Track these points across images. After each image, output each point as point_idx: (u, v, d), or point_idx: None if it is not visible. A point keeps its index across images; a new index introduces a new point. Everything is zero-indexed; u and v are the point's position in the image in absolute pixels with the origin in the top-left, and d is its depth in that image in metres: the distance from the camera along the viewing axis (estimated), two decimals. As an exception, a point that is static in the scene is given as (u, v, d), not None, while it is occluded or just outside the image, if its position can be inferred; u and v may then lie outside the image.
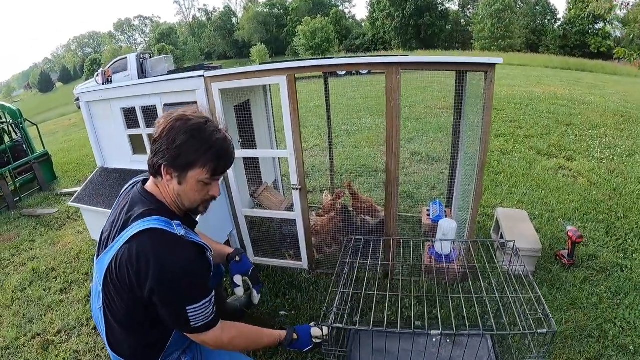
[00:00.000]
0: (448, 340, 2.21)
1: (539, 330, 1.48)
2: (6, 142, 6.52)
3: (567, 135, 6.84)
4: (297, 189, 2.91)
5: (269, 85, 3.70)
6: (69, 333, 2.94)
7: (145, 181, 1.57)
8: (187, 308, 1.38)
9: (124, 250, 1.35)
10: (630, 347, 2.35)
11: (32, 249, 4.43)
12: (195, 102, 2.90)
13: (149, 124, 3.29)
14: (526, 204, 4.25)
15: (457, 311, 2.57)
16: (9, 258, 4.24)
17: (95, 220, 3.51)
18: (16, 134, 6.92)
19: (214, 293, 1.48)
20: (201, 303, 1.40)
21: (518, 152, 6.04)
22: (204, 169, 1.41)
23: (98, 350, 2.72)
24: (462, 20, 53.80)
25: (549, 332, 1.47)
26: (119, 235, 1.40)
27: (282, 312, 2.86)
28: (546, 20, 45.43)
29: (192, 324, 1.41)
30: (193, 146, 1.37)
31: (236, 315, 2.30)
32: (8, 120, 6.80)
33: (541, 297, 1.63)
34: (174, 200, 1.48)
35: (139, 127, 3.34)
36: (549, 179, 4.89)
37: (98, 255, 1.49)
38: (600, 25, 38.21)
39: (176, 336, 1.58)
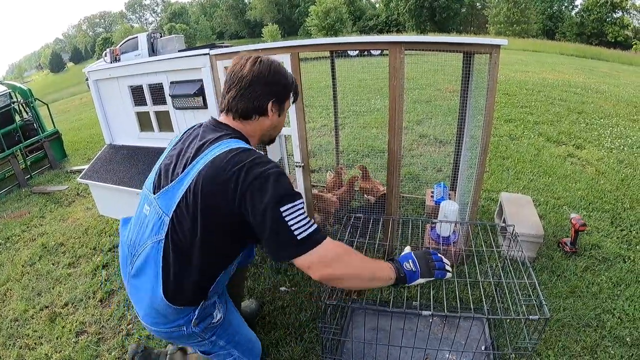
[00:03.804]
0: (445, 322, 2.24)
1: (530, 317, 1.48)
2: (17, 121, 6.58)
3: (577, 123, 6.75)
4: (300, 166, 2.92)
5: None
6: (75, 305, 3.01)
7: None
8: (282, 209, 1.28)
9: (211, 166, 1.34)
10: (627, 339, 2.34)
11: (42, 225, 4.51)
12: (201, 80, 2.92)
13: (155, 102, 3.30)
14: (532, 190, 4.23)
15: (453, 293, 2.58)
16: (19, 234, 4.33)
17: (104, 195, 3.56)
18: (27, 113, 7.01)
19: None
20: (297, 202, 1.32)
21: (527, 138, 5.98)
22: (291, 97, 1.61)
23: (103, 321, 2.79)
24: (477, 4, 52.92)
25: (540, 318, 1.47)
26: (195, 158, 1.40)
27: (282, 288, 2.91)
28: (563, 7, 44.53)
29: (295, 232, 1.28)
30: (284, 79, 1.54)
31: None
32: (19, 100, 6.87)
33: (536, 283, 1.62)
34: (262, 134, 1.60)
35: (146, 104, 3.36)
36: (557, 166, 4.85)
37: (158, 188, 1.48)
38: (619, 14, 37.36)
39: (221, 279, 1.58)
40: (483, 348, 2.06)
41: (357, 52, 9.68)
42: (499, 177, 4.59)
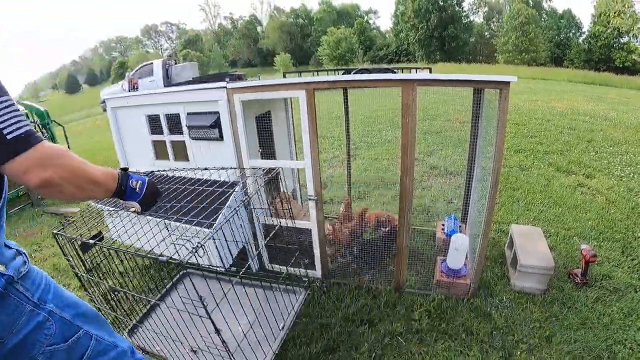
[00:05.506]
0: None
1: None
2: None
3: (587, 152, 6.75)
4: (313, 199, 2.97)
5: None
6: (88, 330, 3.03)
7: None
8: None
9: None
10: (639, 370, 2.34)
11: (53, 245, 4.56)
12: (218, 113, 3.00)
13: (172, 131, 3.40)
14: (542, 221, 4.23)
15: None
16: (31, 254, 4.38)
17: (115, 220, 3.63)
18: (43, 134, 7.14)
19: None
20: (7, 97, 1.04)
21: (537, 168, 5.99)
22: None
23: (115, 347, 2.80)
24: (486, 33, 53.41)
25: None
26: None
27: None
28: (571, 34, 44.82)
29: (5, 131, 1.01)
30: None
31: None
32: (35, 121, 7.00)
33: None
34: None
35: (162, 133, 3.45)
36: (567, 197, 4.85)
37: None
38: (626, 39, 37.54)
39: None
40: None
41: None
42: (510, 209, 4.60)
